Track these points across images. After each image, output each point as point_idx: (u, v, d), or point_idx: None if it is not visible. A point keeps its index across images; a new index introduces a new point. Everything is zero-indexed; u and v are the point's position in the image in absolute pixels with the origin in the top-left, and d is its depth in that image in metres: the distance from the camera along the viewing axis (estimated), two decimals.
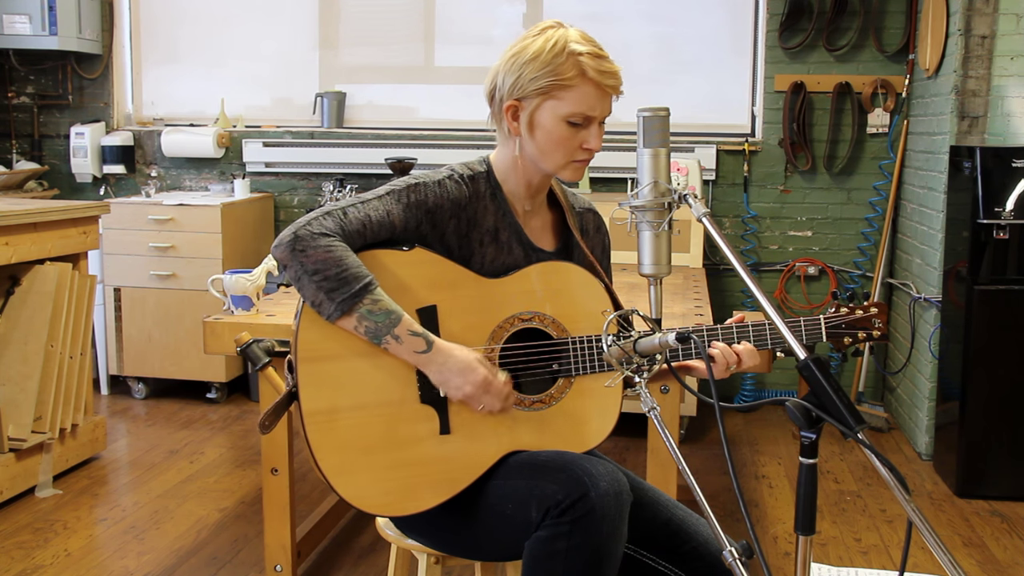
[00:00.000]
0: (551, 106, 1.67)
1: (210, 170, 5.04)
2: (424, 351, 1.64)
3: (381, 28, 4.97)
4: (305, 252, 1.60)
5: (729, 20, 4.69)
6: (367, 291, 1.62)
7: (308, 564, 2.91)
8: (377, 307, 1.62)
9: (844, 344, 1.75)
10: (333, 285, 1.60)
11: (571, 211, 1.88)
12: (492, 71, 1.73)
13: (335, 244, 1.62)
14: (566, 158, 1.71)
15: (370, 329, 1.63)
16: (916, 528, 1.25)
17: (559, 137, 1.68)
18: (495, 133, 1.79)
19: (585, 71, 1.65)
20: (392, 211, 1.68)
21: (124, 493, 3.47)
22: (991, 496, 3.48)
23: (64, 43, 4.75)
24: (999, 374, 3.46)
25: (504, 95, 1.70)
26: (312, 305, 1.63)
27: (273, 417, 1.72)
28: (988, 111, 3.71)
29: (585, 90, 1.66)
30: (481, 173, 1.78)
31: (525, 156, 1.74)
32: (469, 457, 1.69)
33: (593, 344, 1.73)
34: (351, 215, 1.66)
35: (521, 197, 1.80)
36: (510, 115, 1.71)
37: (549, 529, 1.55)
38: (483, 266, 1.75)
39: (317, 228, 1.62)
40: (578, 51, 1.66)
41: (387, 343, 1.64)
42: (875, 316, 1.75)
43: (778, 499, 3.49)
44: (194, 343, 4.43)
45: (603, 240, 1.95)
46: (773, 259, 4.67)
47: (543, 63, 1.65)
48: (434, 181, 1.72)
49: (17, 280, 3.46)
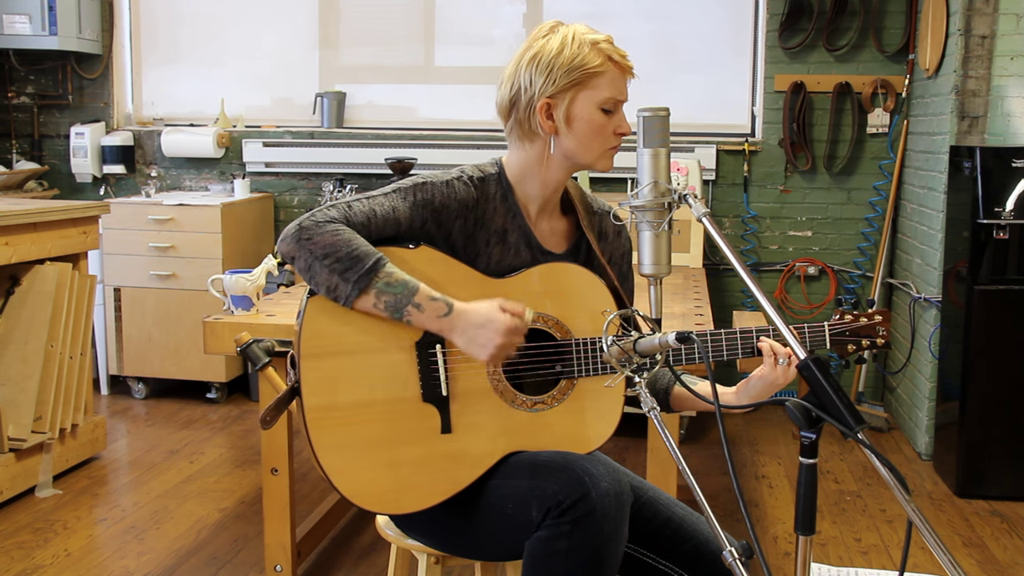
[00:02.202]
0: (586, 96, 1.70)
1: (210, 170, 5.04)
2: (446, 314, 1.63)
3: (381, 28, 4.97)
4: (312, 239, 1.61)
5: (729, 20, 4.69)
6: (380, 266, 1.61)
7: (308, 564, 2.91)
8: (393, 279, 1.62)
9: (848, 352, 1.75)
10: (346, 265, 1.60)
11: (588, 212, 1.88)
12: (508, 78, 1.73)
13: (341, 227, 1.62)
14: (603, 146, 1.74)
15: (390, 303, 1.62)
16: (916, 528, 1.25)
17: (598, 125, 1.71)
18: (504, 137, 1.79)
19: (611, 56, 1.70)
20: (398, 207, 1.69)
21: (124, 493, 3.47)
22: (991, 496, 3.48)
23: (64, 43, 4.75)
24: (999, 374, 3.46)
25: (535, 95, 1.70)
26: (327, 291, 1.62)
27: (275, 412, 1.71)
28: (988, 111, 3.71)
29: (613, 74, 1.71)
30: (492, 175, 1.78)
31: (561, 153, 1.74)
32: (470, 456, 1.69)
33: (597, 346, 1.73)
34: (356, 208, 1.66)
35: (536, 199, 1.80)
36: (544, 114, 1.71)
37: (550, 529, 1.55)
38: (488, 266, 1.75)
39: (322, 217, 1.63)
40: (596, 40, 1.71)
41: (409, 314, 1.62)
42: (879, 324, 1.75)
43: (778, 499, 3.49)
44: (194, 343, 4.43)
45: (624, 245, 1.93)
46: (773, 259, 4.67)
47: (571, 56, 1.68)
48: (442, 181, 1.73)
49: (17, 280, 3.46)
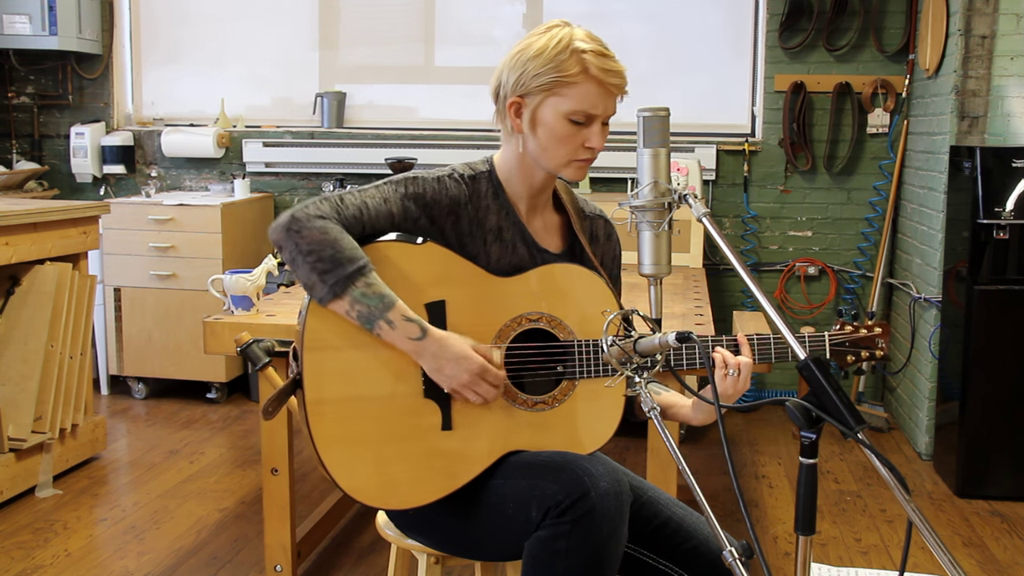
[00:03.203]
0: (553, 103, 1.66)
1: (210, 170, 5.04)
2: (418, 338, 1.62)
3: (381, 28, 4.97)
4: (300, 233, 1.60)
5: (729, 20, 4.69)
6: (361, 274, 1.60)
7: (308, 564, 2.91)
8: (371, 290, 1.61)
9: (847, 362, 1.75)
10: (327, 267, 1.59)
11: (579, 216, 1.87)
12: (497, 69, 1.73)
13: (331, 226, 1.62)
14: (568, 156, 1.70)
15: (362, 313, 1.61)
16: (916, 528, 1.25)
17: (561, 135, 1.67)
18: (499, 133, 1.78)
19: (588, 68, 1.64)
20: (389, 199, 1.69)
21: (124, 493, 3.47)
22: (991, 496, 3.48)
23: (64, 43, 4.75)
24: (999, 374, 3.46)
25: (508, 92, 1.69)
26: (305, 287, 1.63)
27: (276, 403, 1.71)
28: (988, 111, 3.71)
29: (588, 88, 1.65)
30: (483, 172, 1.78)
31: (527, 154, 1.73)
32: (470, 454, 1.69)
33: (598, 348, 1.73)
34: (347, 201, 1.66)
35: (523, 197, 1.79)
36: (513, 112, 1.70)
37: (549, 529, 1.55)
38: (489, 265, 1.75)
39: (314, 210, 1.63)
40: (582, 48, 1.65)
41: (379, 328, 1.62)
42: (878, 336, 1.76)
43: (778, 499, 3.49)
44: (194, 343, 4.43)
45: (614, 249, 1.93)
46: (773, 259, 4.67)
47: (546, 60, 1.65)
48: (433, 177, 1.73)
49: (17, 280, 3.46)
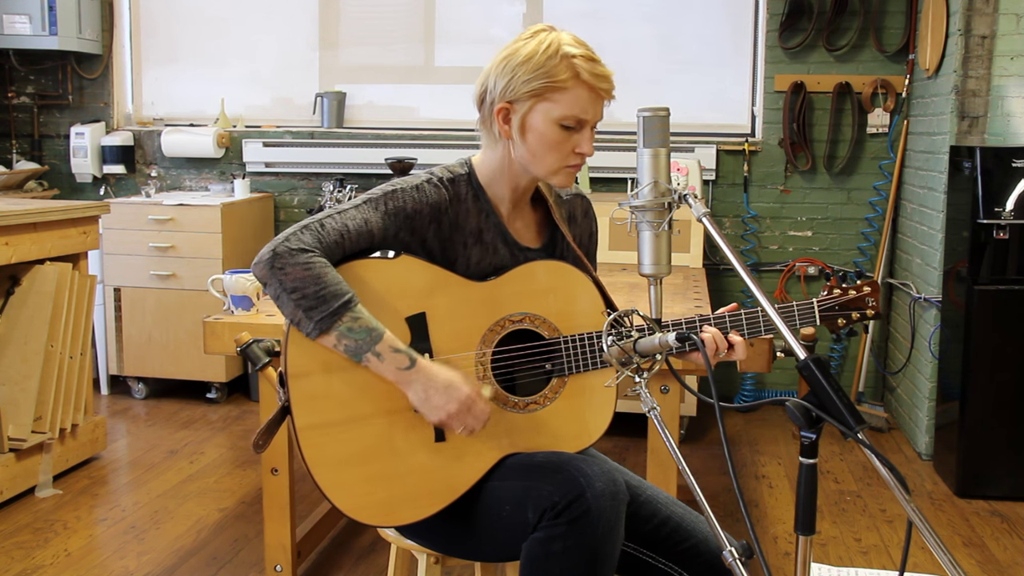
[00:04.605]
0: (544, 109, 1.65)
1: (210, 170, 5.04)
2: (407, 367, 1.61)
3: (381, 28, 4.97)
4: (284, 270, 1.58)
5: (729, 20, 4.69)
6: (347, 308, 1.59)
7: (308, 564, 2.91)
8: (357, 324, 1.59)
9: (839, 326, 1.74)
10: (312, 304, 1.58)
11: (557, 201, 1.86)
12: (483, 74, 1.71)
13: (314, 260, 1.59)
14: (558, 163, 1.69)
15: (350, 347, 1.60)
16: (916, 528, 1.25)
17: (552, 141, 1.66)
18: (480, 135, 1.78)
19: (579, 73, 1.64)
20: (370, 219, 1.66)
21: (124, 493, 3.47)
22: (991, 496, 3.48)
23: (64, 43, 4.75)
24: (999, 374, 3.46)
25: (495, 98, 1.68)
26: (292, 323, 1.62)
27: (267, 435, 1.71)
28: (988, 111, 3.71)
29: (578, 93, 1.64)
30: (462, 175, 1.76)
31: (515, 160, 1.72)
32: (465, 463, 1.68)
33: (585, 342, 1.72)
34: (328, 226, 1.63)
35: (506, 199, 1.78)
36: (501, 118, 1.68)
37: (545, 530, 1.55)
38: (468, 268, 1.74)
39: (295, 244, 1.60)
40: (572, 53, 1.64)
41: (368, 361, 1.61)
42: (868, 295, 1.75)
43: (778, 499, 3.49)
44: (194, 343, 4.43)
45: (591, 225, 1.93)
46: (773, 259, 4.67)
47: (536, 65, 1.63)
48: (412, 186, 1.70)
49: (17, 280, 3.46)
